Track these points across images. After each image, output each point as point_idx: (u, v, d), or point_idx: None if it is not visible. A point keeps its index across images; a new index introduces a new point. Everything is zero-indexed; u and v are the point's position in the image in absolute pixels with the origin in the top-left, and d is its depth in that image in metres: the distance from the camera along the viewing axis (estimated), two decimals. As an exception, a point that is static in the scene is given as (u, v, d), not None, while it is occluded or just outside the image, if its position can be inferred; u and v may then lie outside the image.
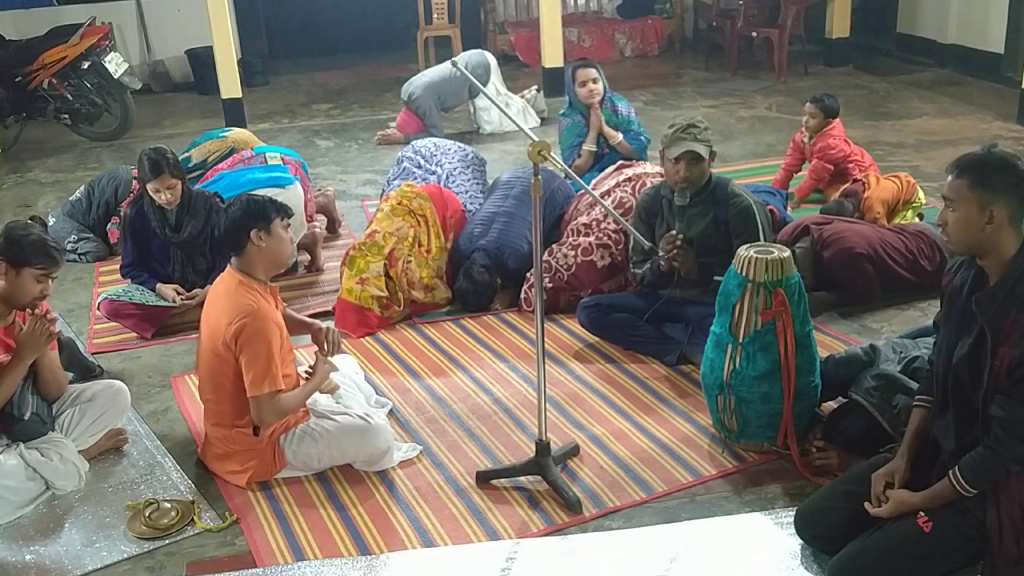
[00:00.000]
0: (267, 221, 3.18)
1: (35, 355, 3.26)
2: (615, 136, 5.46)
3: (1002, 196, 2.42)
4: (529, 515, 3.08)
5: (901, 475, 2.67)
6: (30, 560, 2.99)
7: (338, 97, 9.32)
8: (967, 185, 2.45)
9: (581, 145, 5.47)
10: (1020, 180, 2.44)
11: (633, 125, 5.55)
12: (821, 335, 3.91)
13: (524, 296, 4.52)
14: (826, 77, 9.04)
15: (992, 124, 7.26)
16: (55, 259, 3.28)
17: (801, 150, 5.70)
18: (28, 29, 8.34)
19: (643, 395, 3.78)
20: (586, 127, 5.47)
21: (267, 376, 3.10)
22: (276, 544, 3.00)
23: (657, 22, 10.72)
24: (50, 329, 3.27)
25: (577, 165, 5.43)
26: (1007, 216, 2.43)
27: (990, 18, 8.46)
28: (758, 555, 2.85)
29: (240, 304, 3.11)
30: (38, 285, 3.25)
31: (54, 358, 3.43)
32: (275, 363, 3.12)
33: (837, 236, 4.35)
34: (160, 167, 4.28)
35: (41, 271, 3.24)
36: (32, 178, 7.13)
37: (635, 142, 5.48)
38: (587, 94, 5.43)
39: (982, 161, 2.46)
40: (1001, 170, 2.44)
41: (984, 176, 2.44)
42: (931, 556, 2.53)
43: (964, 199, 2.45)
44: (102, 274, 5.22)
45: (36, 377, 3.36)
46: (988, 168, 2.45)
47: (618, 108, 5.55)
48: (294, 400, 3.22)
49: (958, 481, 2.51)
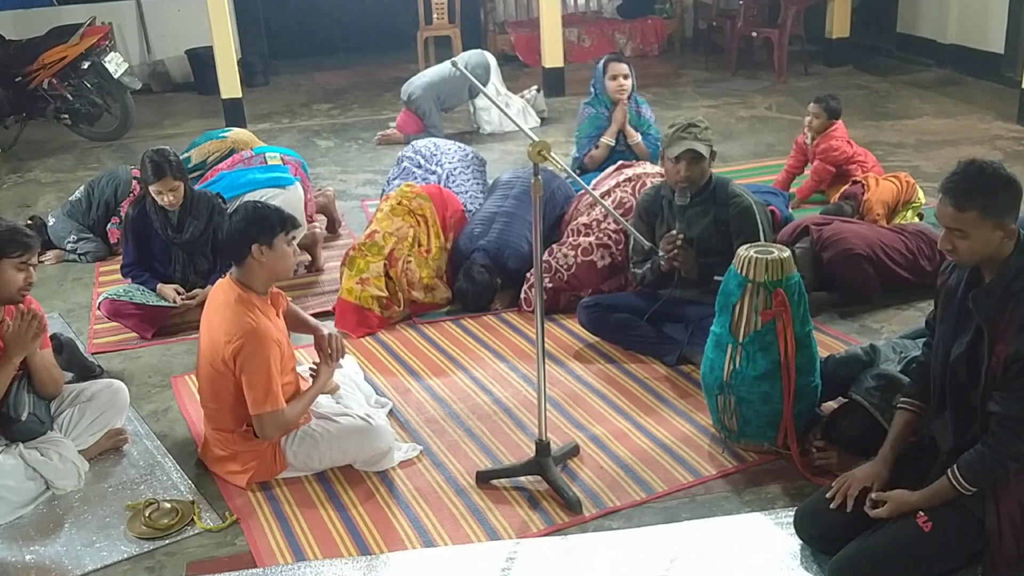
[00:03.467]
0: (270, 235, 3.13)
1: (23, 354, 3.22)
2: (634, 136, 5.50)
3: (1012, 210, 2.44)
4: (529, 515, 3.08)
5: (881, 482, 2.68)
6: (30, 560, 2.99)
7: (338, 97, 9.32)
8: (977, 217, 2.42)
9: (599, 137, 5.49)
10: (1018, 187, 2.46)
11: (652, 130, 5.58)
12: (821, 335, 3.91)
13: (524, 296, 4.52)
14: (826, 77, 9.04)
15: (992, 124, 7.26)
16: (28, 244, 3.22)
17: (804, 151, 5.70)
18: (28, 29, 8.34)
19: (643, 395, 3.78)
20: (607, 121, 5.51)
21: (268, 396, 3.10)
22: (276, 544, 3.00)
23: (657, 22, 10.72)
24: (37, 327, 3.22)
25: (592, 155, 5.50)
26: (1014, 227, 2.45)
27: (990, 18, 8.46)
28: (758, 555, 2.85)
29: (238, 322, 3.09)
30: (20, 274, 3.20)
31: (47, 356, 3.40)
32: (275, 381, 3.12)
33: (837, 237, 4.35)
34: (163, 169, 4.28)
35: (18, 259, 3.18)
36: (32, 178, 7.13)
37: (652, 147, 5.50)
38: (617, 88, 5.46)
39: (982, 188, 2.43)
40: (1004, 189, 2.44)
41: (991, 201, 2.42)
42: (931, 556, 2.53)
43: (977, 227, 2.43)
44: (102, 274, 5.22)
45: (31, 376, 3.33)
46: (992, 193, 2.43)
47: (642, 110, 5.60)
48: (296, 411, 3.23)
49: (957, 480, 2.51)
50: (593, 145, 5.51)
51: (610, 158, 5.43)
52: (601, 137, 5.50)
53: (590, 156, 5.49)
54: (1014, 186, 2.45)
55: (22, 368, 3.28)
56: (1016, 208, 2.45)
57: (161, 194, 4.32)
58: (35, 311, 3.26)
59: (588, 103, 5.64)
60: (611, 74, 5.47)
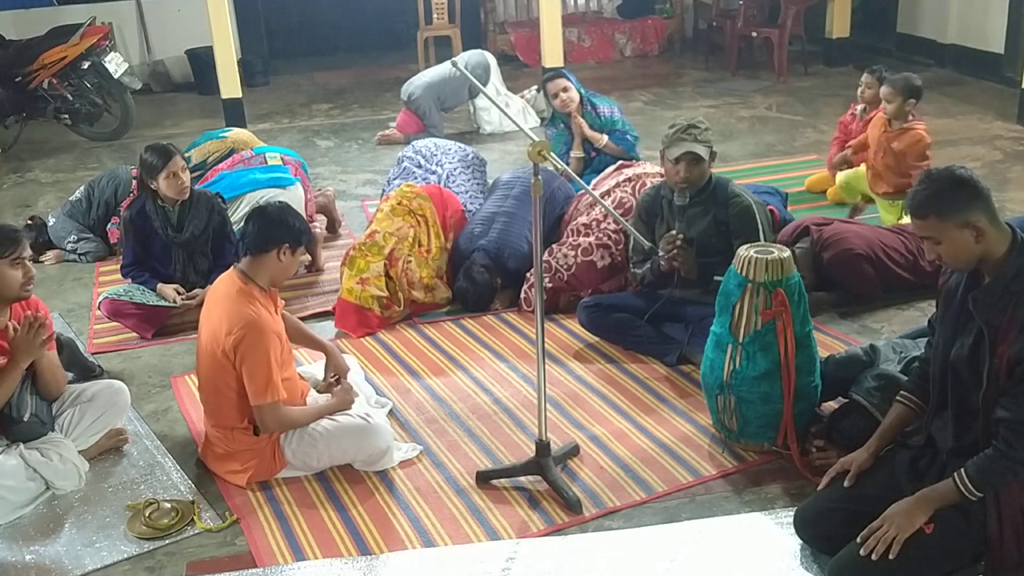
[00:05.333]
0: (297, 243, 3.24)
1: (30, 359, 3.22)
2: (600, 139, 5.48)
3: (971, 208, 2.44)
4: (529, 515, 3.08)
5: (859, 465, 2.72)
6: (30, 560, 2.99)
7: (338, 97, 9.32)
8: (936, 220, 2.46)
9: (569, 153, 5.50)
10: (974, 185, 2.46)
11: (617, 124, 5.54)
12: (821, 335, 3.91)
13: (524, 296, 4.52)
14: (826, 77, 9.04)
15: (992, 124, 7.26)
16: (16, 239, 3.18)
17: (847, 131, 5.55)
18: (28, 29, 8.34)
19: (643, 395, 3.78)
20: (570, 135, 5.52)
21: (268, 386, 3.12)
22: (276, 544, 3.00)
23: (657, 22, 10.72)
24: (44, 333, 3.21)
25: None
26: (987, 221, 2.45)
27: (990, 18, 8.46)
28: (758, 555, 2.85)
29: (239, 313, 3.11)
30: (16, 271, 3.17)
31: (52, 358, 3.41)
32: (275, 373, 3.14)
33: (837, 237, 4.35)
34: (169, 150, 4.32)
35: (10, 257, 3.15)
36: (32, 178, 7.13)
37: (622, 142, 5.48)
38: (561, 104, 5.48)
39: (932, 193, 2.47)
40: (954, 188, 2.46)
41: (944, 203, 2.45)
42: (932, 558, 2.53)
43: (942, 231, 2.46)
44: (102, 274, 5.22)
45: (35, 377, 3.34)
46: (942, 195, 2.46)
47: (599, 110, 5.55)
48: (302, 416, 3.25)
49: (964, 484, 2.49)
50: (566, 162, 5.45)
51: (590, 165, 5.44)
52: (570, 153, 5.50)
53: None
54: (966, 184, 2.46)
55: (28, 369, 3.27)
56: (974, 204, 2.44)
57: (171, 179, 4.31)
58: (42, 318, 3.24)
59: (548, 124, 5.67)
60: (551, 93, 5.49)
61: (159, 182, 4.32)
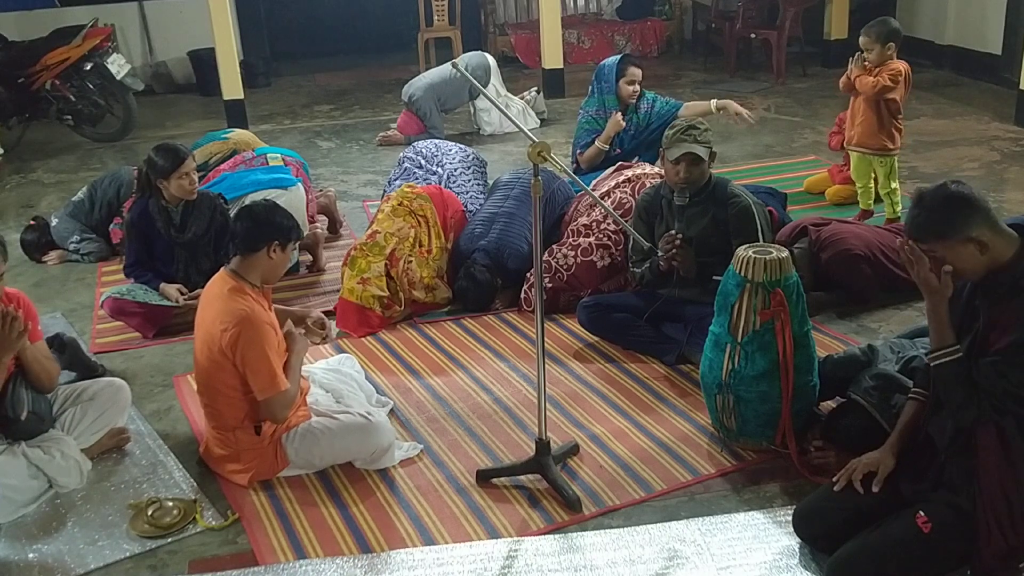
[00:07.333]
0: (287, 239, 3.25)
1: (11, 353, 3.17)
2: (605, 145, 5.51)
3: (970, 224, 2.44)
4: (529, 514, 3.10)
5: (886, 467, 2.71)
6: (33, 559, 3.01)
7: (339, 98, 9.34)
8: (940, 244, 2.47)
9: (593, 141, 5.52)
10: (969, 200, 2.46)
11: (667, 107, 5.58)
12: (819, 335, 3.93)
13: (524, 296, 4.54)
14: (825, 78, 9.04)
15: (989, 125, 7.28)
16: None
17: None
18: (31, 30, 8.34)
19: (642, 394, 3.80)
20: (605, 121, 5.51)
21: (273, 379, 3.14)
22: (278, 542, 3.02)
23: (656, 24, 10.74)
24: (20, 326, 3.12)
25: (586, 155, 5.53)
26: (989, 232, 2.45)
27: (988, 19, 8.48)
28: (757, 554, 2.86)
29: (233, 310, 3.13)
30: None
31: (38, 349, 3.35)
32: (277, 363, 3.16)
33: (835, 237, 4.37)
34: (180, 152, 4.34)
35: None
36: (35, 179, 7.15)
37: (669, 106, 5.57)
38: (630, 93, 5.48)
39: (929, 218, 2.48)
40: (950, 208, 2.46)
41: (942, 226, 2.46)
42: (929, 556, 2.54)
43: (948, 250, 2.47)
44: (104, 274, 5.24)
45: (24, 372, 3.30)
46: (939, 218, 2.47)
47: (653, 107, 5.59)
48: (294, 383, 3.24)
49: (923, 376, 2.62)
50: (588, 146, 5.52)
51: (610, 161, 5.44)
52: (595, 140, 5.51)
53: (584, 156, 5.53)
54: (961, 201, 2.46)
55: (17, 364, 3.26)
56: (973, 220, 2.44)
57: (182, 180, 4.33)
58: (14, 311, 3.13)
59: (587, 104, 5.64)
60: (628, 79, 5.48)
61: (170, 183, 4.34)
